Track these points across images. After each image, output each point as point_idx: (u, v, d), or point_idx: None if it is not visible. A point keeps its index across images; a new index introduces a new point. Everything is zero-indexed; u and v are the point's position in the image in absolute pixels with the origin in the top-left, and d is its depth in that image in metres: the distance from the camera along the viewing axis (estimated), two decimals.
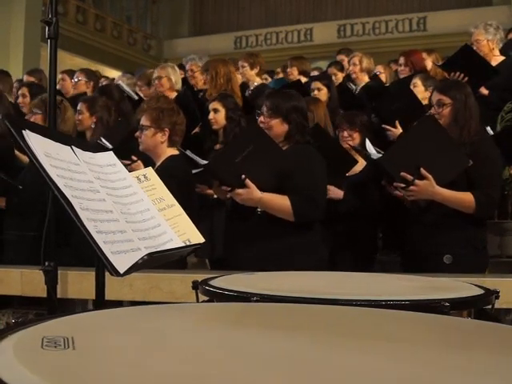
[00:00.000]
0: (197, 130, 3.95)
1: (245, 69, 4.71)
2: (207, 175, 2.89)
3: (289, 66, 5.45)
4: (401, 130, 3.53)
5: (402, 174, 2.47)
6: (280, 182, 2.53)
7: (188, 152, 3.21)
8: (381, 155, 2.97)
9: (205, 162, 3.09)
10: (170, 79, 4.52)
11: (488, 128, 3.33)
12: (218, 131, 3.62)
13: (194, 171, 3.14)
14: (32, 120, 3.20)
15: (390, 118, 3.59)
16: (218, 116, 3.56)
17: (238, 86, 4.21)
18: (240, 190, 2.46)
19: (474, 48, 4.28)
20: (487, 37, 4.27)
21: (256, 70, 4.74)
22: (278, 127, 2.62)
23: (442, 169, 2.49)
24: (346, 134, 3.34)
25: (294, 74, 5.32)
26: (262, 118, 2.65)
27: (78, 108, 3.67)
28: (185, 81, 4.90)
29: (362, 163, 3.28)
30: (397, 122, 3.55)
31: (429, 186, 2.46)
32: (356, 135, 3.34)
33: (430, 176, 2.46)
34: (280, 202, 2.51)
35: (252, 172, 2.47)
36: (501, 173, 2.93)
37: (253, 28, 18.46)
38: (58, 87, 4.86)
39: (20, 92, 4.42)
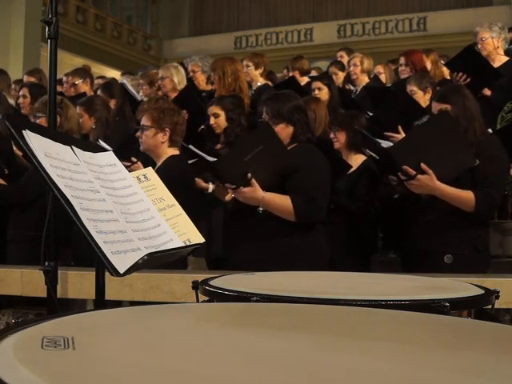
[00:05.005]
0: (203, 126, 3.92)
1: (249, 68, 4.70)
2: (211, 173, 2.88)
3: (290, 70, 5.45)
4: (404, 135, 3.52)
5: (404, 167, 2.48)
6: (282, 182, 2.54)
7: (191, 146, 3.19)
8: (391, 144, 2.98)
9: (212, 158, 3.07)
10: (172, 80, 4.51)
11: (489, 130, 3.33)
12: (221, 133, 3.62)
13: (189, 161, 3.13)
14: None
15: (391, 125, 3.58)
16: (219, 120, 3.55)
17: (245, 83, 4.20)
18: (244, 189, 2.47)
19: (479, 46, 4.28)
20: (492, 34, 4.28)
21: (260, 71, 4.74)
22: (283, 131, 2.63)
23: (447, 165, 2.51)
24: (331, 135, 3.36)
25: (296, 77, 5.32)
26: None
27: (77, 112, 3.67)
28: (190, 81, 4.89)
29: (356, 163, 3.28)
30: (400, 128, 3.55)
31: (429, 181, 2.48)
32: (341, 136, 3.34)
33: (430, 171, 2.47)
34: (282, 202, 2.51)
35: (256, 171, 2.48)
36: (506, 173, 2.92)
37: (253, 28, 18.47)
38: (61, 90, 4.86)
39: (21, 93, 4.42)
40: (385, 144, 3.14)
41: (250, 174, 2.45)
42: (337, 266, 2.67)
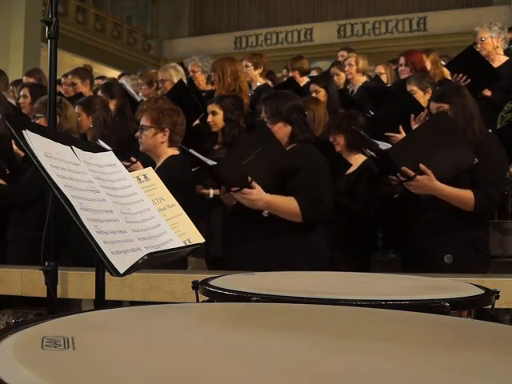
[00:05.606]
0: (197, 122, 3.92)
1: (248, 69, 4.70)
2: (212, 176, 2.88)
3: (290, 70, 5.45)
4: (405, 135, 3.51)
5: (403, 168, 2.49)
6: (282, 182, 2.53)
7: (192, 151, 3.19)
8: (389, 146, 2.98)
9: (212, 162, 3.07)
10: (172, 82, 4.51)
11: (489, 131, 3.34)
12: (218, 132, 3.62)
13: (193, 169, 3.13)
14: None
15: (391, 124, 3.57)
16: (216, 118, 3.56)
17: (245, 83, 4.21)
18: (249, 190, 2.44)
19: (479, 46, 4.29)
20: (491, 34, 4.28)
21: (259, 71, 4.74)
22: (281, 131, 2.63)
23: (446, 164, 2.51)
24: (331, 138, 3.35)
25: (296, 77, 5.32)
26: None
27: (76, 111, 3.67)
28: (190, 81, 4.88)
29: (356, 163, 3.27)
30: (400, 127, 3.54)
31: (428, 182, 2.48)
32: (340, 139, 3.32)
33: (429, 171, 2.48)
34: (288, 205, 2.49)
35: (257, 174, 2.47)
36: (505, 173, 2.92)
37: (253, 28, 18.47)
38: (61, 90, 4.86)
39: (21, 93, 4.42)
40: (382, 145, 3.13)
41: (250, 178, 2.45)
42: (337, 266, 2.67)
